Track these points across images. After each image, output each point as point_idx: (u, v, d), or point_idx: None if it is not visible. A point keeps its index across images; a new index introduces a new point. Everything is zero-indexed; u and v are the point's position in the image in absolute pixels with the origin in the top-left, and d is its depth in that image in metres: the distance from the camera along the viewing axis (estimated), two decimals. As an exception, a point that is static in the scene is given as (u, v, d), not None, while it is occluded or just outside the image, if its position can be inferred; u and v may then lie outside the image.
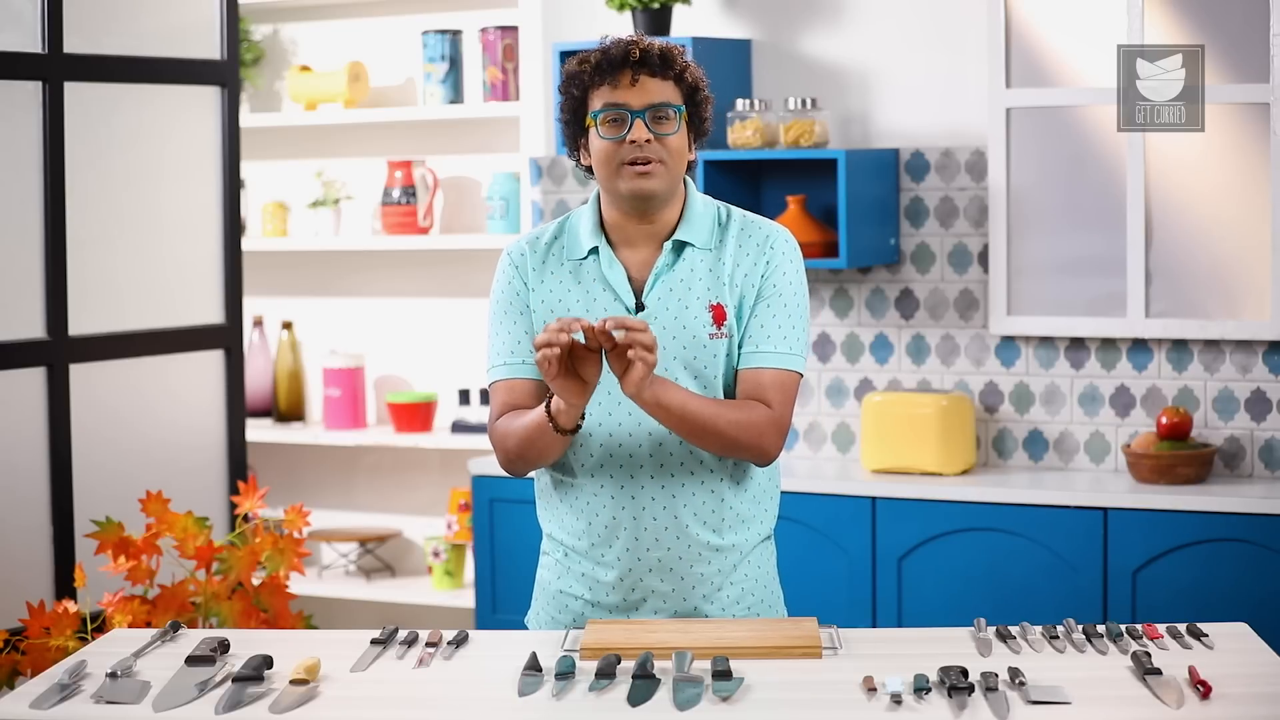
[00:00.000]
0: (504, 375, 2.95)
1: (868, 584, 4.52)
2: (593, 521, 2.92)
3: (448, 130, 5.48)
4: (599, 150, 2.88)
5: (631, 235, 2.93)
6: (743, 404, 2.86)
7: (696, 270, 2.91)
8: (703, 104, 2.92)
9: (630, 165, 2.85)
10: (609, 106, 2.86)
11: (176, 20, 4.42)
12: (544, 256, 2.96)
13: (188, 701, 2.53)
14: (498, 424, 2.93)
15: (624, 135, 2.85)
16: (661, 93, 2.86)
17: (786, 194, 4.80)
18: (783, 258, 2.92)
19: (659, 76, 2.86)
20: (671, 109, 2.86)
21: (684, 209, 2.94)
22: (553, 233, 2.98)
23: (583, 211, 2.98)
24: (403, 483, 5.65)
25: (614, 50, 2.87)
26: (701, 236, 2.92)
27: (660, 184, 2.87)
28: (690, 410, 2.80)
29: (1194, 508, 4.27)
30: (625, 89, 2.85)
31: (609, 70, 2.86)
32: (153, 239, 4.37)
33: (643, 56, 2.86)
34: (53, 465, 4.10)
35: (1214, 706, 2.43)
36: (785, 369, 2.90)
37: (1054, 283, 4.69)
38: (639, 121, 2.84)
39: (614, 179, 2.87)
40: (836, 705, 2.48)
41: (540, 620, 3.03)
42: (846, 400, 4.92)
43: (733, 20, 5.00)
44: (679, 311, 2.89)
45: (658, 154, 2.85)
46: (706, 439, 2.83)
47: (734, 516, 2.93)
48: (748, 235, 2.94)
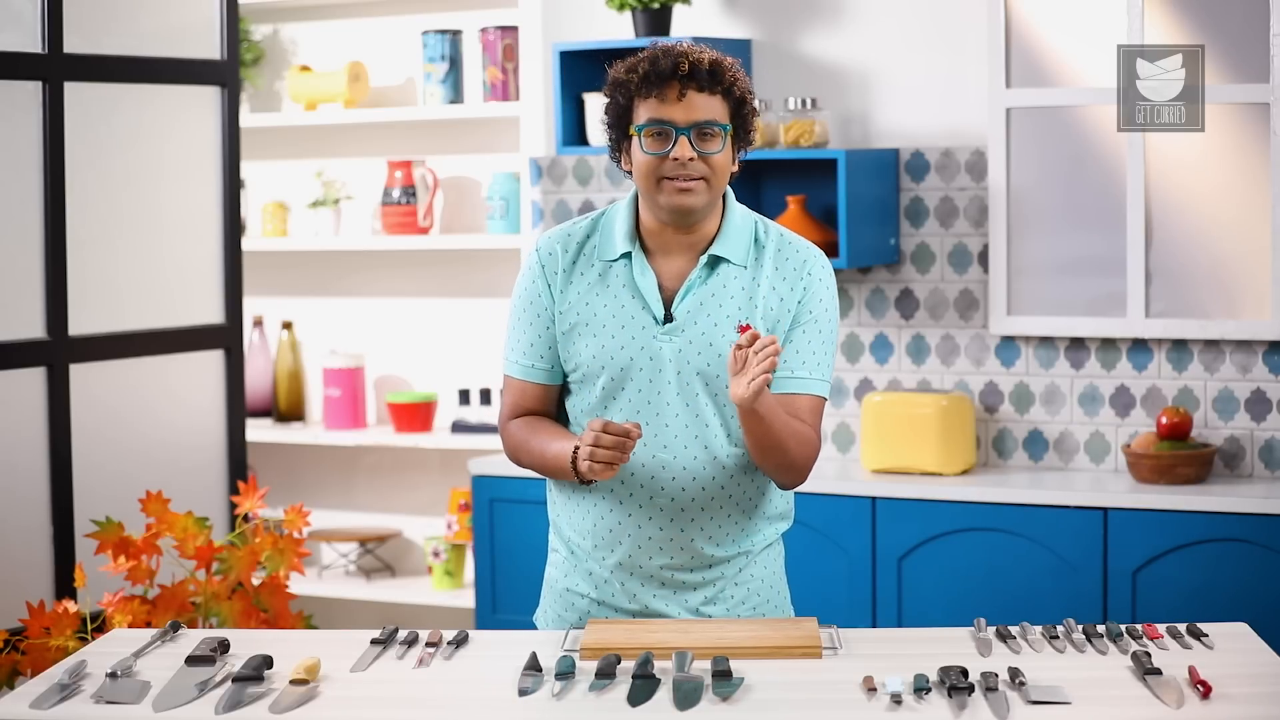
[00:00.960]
0: (516, 375, 2.97)
1: (868, 584, 4.52)
2: (598, 523, 2.92)
3: (448, 130, 5.47)
4: (641, 163, 2.84)
5: (668, 243, 2.90)
6: (801, 424, 2.86)
7: (729, 287, 2.89)
8: (749, 116, 2.88)
9: (671, 180, 2.82)
10: (654, 122, 2.81)
11: (176, 20, 4.42)
12: (575, 256, 2.93)
13: (188, 701, 2.53)
14: (510, 427, 2.95)
15: (668, 151, 2.81)
16: (708, 109, 2.82)
17: (786, 194, 4.79)
18: (819, 284, 2.91)
19: (706, 92, 2.81)
20: (718, 127, 2.82)
21: (722, 222, 2.91)
22: (585, 230, 2.95)
23: (619, 210, 2.94)
24: (403, 483, 5.65)
25: (663, 62, 2.81)
26: (739, 253, 2.90)
27: (701, 201, 2.84)
28: (778, 427, 2.79)
29: (1194, 508, 4.27)
30: (672, 104, 2.80)
31: (656, 83, 2.81)
32: (153, 239, 4.37)
33: (692, 70, 2.80)
34: (53, 465, 4.10)
35: (1214, 706, 2.43)
36: (818, 395, 2.91)
37: (1054, 283, 4.69)
38: (684, 139, 2.80)
39: (655, 193, 2.84)
40: (836, 705, 2.49)
41: (548, 618, 3.03)
42: (847, 400, 4.92)
43: (733, 20, 5.00)
44: (707, 327, 2.87)
45: (701, 171, 2.82)
46: (772, 454, 2.83)
47: (740, 533, 2.94)
48: (785, 258, 2.91)
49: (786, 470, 2.86)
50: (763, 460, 2.84)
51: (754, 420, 2.77)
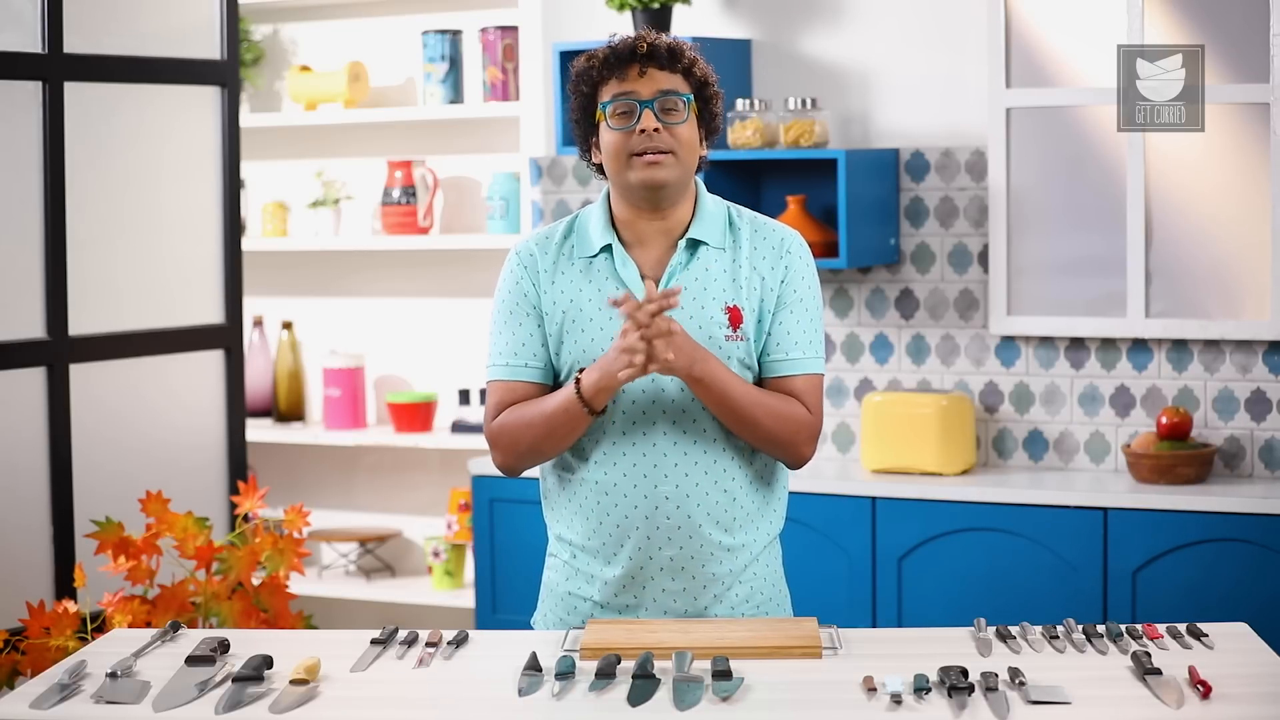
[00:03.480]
0: (503, 376, 2.94)
1: (868, 584, 4.52)
2: (604, 521, 2.91)
3: (448, 130, 5.48)
4: (609, 143, 2.88)
5: (644, 233, 2.93)
6: (783, 397, 2.88)
7: (712, 270, 2.91)
8: (712, 99, 2.93)
9: (640, 156, 2.85)
10: (618, 97, 2.87)
11: (176, 20, 4.42)
12: (555, 257, 2.95)
13: (188, 701, 2.53)
14: (501, 421, 2.92)
15: (633, 125, 2.85)
16: (670, 82, 2.87)
17: (786, 194, 4.80)
18: (800, 261, 2.94)
19: (667, 69, 2.88)
20: (680, 98, 2.87)
21: (696, 207, 2.94)
22: (562, 232, 2.97)
23: (592, 210, 2.97)
24: (403, 483, 5.65)
25: (621, 46, 2.89)
26: (715, 235, 2.92)
27: (671, 174, 2.86)
28: (732, 394, 2.82)
29: (1194, 508, 4.27)
30: (634, 80, 2.87)
31: (617, 64, 2.87)
32: (153, 239, 4.37)
33: (650, 50, 2.87)
34: (53, 465, 4.10)
35: (1214, 706, 2.43)
36: (813, 373, 2.93)
37: (1054, 283, 4.69)
38: (648, 111, 2.85)
39: (624, 171, 2.87)
40: (836, 705, 2.49)
41: (548, 622, 3.02)
42: (846, 400, 4.92)
43: (733, 20, 5.00)
44: (695, 311, 2.89)
45: (668, 144, 2.86)
46: (743, 425, 2.85)
47: (745, 516, 2.93)
48: (762, 238, 2.94)
49: (770, 443, 2.88)
50: (740, 432, 2.87)
51: (699, 388, 2.81)
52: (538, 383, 2.93)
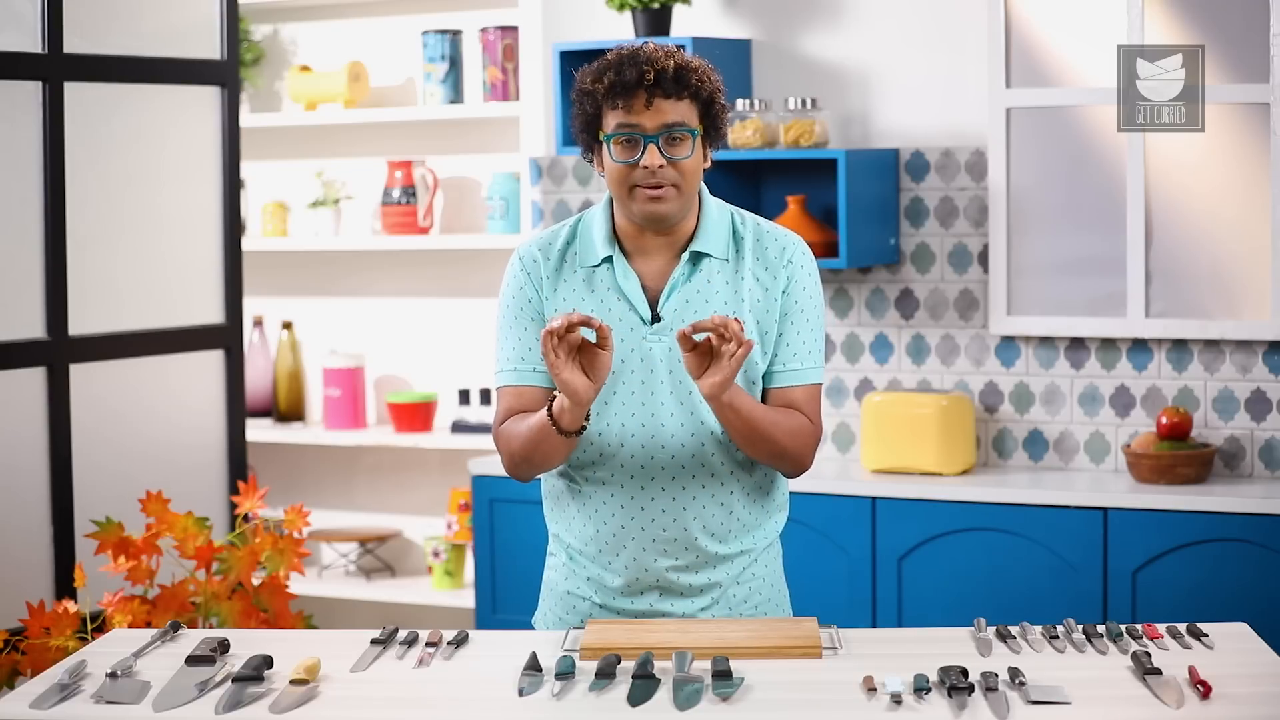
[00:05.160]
0: (511, 381, 2.93)
1: (868, 584, 4.52)
2: (600, 529, 2.91)
3: (448, 130, 5.48)
4: (612, 170, 2.83)
5: (646, 245, 2.90)
6: (790, 413, 2.88)
7: (714, 282, 2.89)
8: (719, 115, 2.87)
9: (643, 188, 2.82)
10: (622, 128, 2.81)
11: (176, 20, 4.42)
12: (558, 263, 2.93)
13: (188, 701, 2.53)
14: (503, 428, 2.91)
15: (637, 159, 2.81)
16: (676, 113, 2.81)
17: (786, 194, 4.79)
18: (802, 271, 2.92)
19: (674, 98, 2.80)
20: (686, 131, 2.81)
21: (699, 217, 2.91)
22: (565, 238, 2.95)
23: (595, 215, 2.94)
24: (403, 483, 5.65)
25: (629, 71, 2.80)
26: (719, 247, 2.90)
27: (672, 207, 2.84)
28: (756, 417, 2.80)
29: (1194, 508, 4.27)
30: (639, 112, 2.80)
31: (622, 92, 2.80)
32: (153, 239, 4.37)
33: (657, 78, 2.79)
34: (53, 465, 4.10)
35: (1214, 706, 2.43)
36: (813, 383, 2.92)
37: (1054, 283, 4.69)
38: (652, 146, 2.80)
39: (626, 200, 2.84)
40: (836, 705, 2.48)
41: (548, 621, 3.02)
42: (846, 400, 4.92)
43: (733, 20, 5.00)
44: None
45: (671, 178, 2.81)
46: (759, 445, 2.83)
47: (740, 527, 2.93)
48: (764, 247, 2.91)
49: (780, 459, 2.87)
50: (753, 452, 2.85)
51: (730, 412, 2.78)
52: (546, 387, 2.91)
